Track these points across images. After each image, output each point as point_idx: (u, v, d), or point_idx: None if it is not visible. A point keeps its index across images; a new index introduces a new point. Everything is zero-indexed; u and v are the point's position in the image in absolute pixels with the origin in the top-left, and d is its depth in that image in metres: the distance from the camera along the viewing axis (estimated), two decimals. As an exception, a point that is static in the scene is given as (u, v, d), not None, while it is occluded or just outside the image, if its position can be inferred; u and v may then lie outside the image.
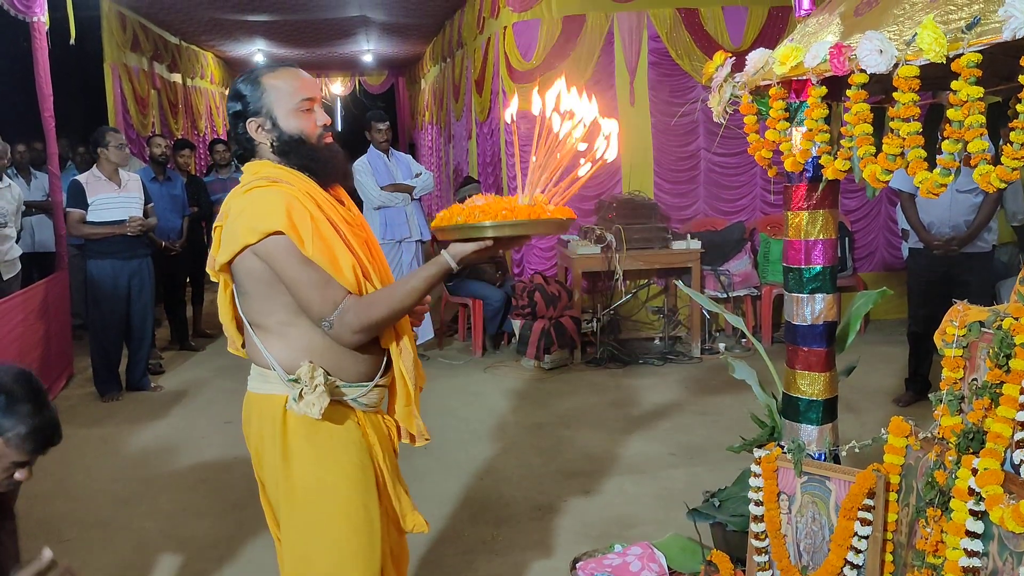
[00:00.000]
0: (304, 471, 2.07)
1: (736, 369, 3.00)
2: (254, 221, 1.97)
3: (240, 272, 2.05)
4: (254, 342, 2.11)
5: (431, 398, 5.54)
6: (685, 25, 6.91)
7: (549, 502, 3.96)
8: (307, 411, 1.98)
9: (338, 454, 2.08)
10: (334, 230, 2.03)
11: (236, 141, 2.15)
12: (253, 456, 2.18)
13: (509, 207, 1.88)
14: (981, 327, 2.03)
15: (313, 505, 2.08)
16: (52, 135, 6.12)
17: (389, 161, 6.54)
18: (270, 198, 1.98)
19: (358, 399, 2.12)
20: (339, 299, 1.98)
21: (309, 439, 2.07)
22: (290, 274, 1.97)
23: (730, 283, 6.80)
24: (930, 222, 5.02)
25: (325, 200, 2.08)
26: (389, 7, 9.76)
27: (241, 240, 1.98)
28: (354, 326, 1.98)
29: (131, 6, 9.12)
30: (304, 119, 2.09)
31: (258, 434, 2.13)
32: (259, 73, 2.12)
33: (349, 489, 2.09)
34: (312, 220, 1.99)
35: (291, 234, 1.95)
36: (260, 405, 2.12)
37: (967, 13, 1.74)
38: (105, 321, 5.82)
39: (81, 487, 4.31)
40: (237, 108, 2.10)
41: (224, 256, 2.03)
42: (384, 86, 17.72)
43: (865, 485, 2.22)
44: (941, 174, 1.82)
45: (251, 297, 2.07)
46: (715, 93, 2.49)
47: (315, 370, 2.01)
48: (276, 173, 2.06)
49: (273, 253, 1.97)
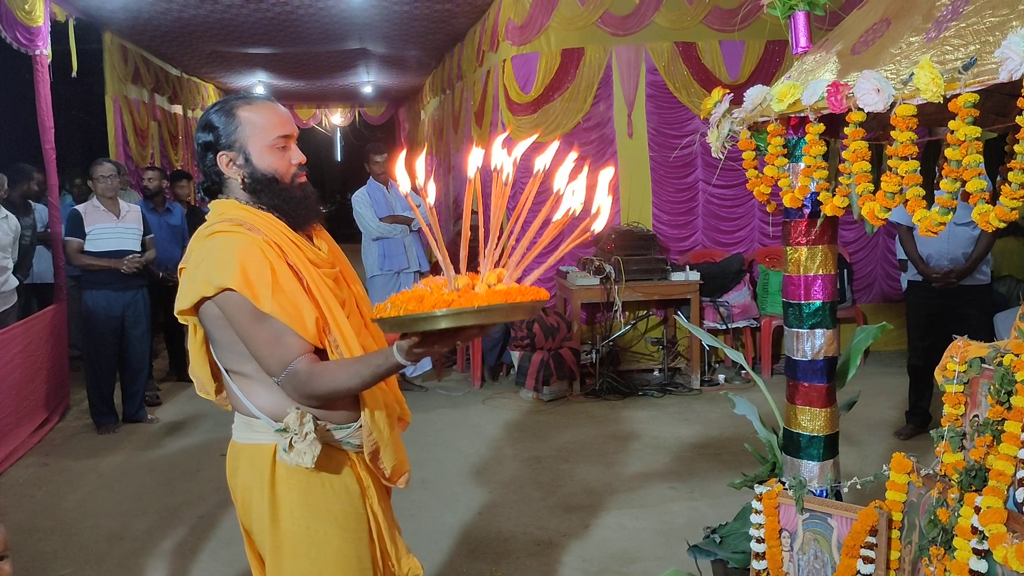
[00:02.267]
0: (293, 522, 1.99)
1: (737, 405, 2.99)
2: (211, 273, 1.87)
3: (207, 321, 1.96)
4: (235, 390, 2.02)
5: (429, 430, 5.52)
6: (683, 58, 6.98)
7: (548, 537, 3.93)
8: (299, 460, 1.89)
9: (330, 503, 2.01)
10: (297, 280, 1.93)
11: (204, 173, 2.04)
12: (240, 507, 2.08)
13: (447, 298, 1.55)
14: (982, 363, 2.03)
15: (303, 557, 2.00)
16: (53, 167, 6.14)
17: (388, 193, 6.56)
18: (227, 249, 1.89)
19: (347, 439, 2.03)
20: (288, 360, 1.88)
21: (300, 489, 1.98)
22: (242, 329, 1.89)
23: (729, 315, 6.80)
24: (928, 255, 5.03)
25: (291, 245, 1.97)
26: (389, 40, 9.84)
27: (199, 291, 1.89)
28: (300, 391, 1.89)
29: (133, 39, 9.20)
30: (279, 157, 2.00)
31: (245, 486, 2.03)
32: (234, 104, 2.01)
33: (341, 540, 2.01)
34: (272, 273, 1.89)
35: (244, 291, 1.85)
36: (247, 455, 2.03)
37: (963, 54, 1.75)
38: (99, 352, 5.80)
39: (76, 522, 4.27)
40: (208, 139, 1.99)
41: (182, 304, 1.94)
42: (384, 117, 17.84)
43: (867, 522, 2.21)
44: (940, 213, 1.82)
45: (224, 345, 1.98)
46: (713, 128, 2.50)
47: (304, 416, 1.91)
48: (241, 215, 1.96)
49: (227, 307, 1.89)
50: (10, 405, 5.23)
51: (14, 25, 5.71)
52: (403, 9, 8.12)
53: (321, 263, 2.03)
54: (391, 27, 9.00)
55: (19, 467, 5.10)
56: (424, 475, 4.67)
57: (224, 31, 9.00)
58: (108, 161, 5.97)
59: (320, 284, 1.97)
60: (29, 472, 5.03)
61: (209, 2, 7.69)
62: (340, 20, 8.60)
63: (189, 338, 2.10)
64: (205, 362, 2.10)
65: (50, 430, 5.79)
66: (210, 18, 8.33)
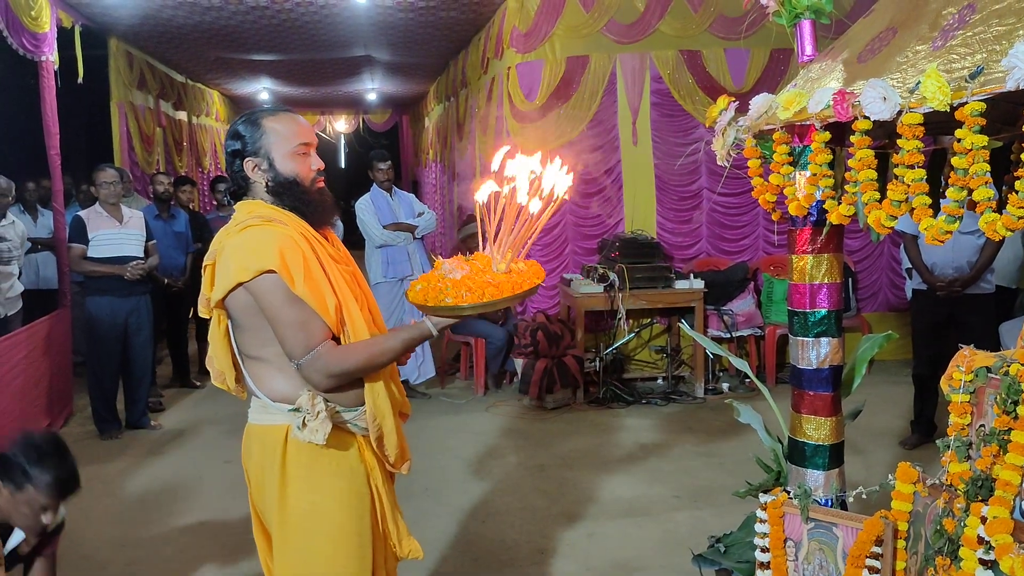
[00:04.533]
0: (299, 496, 2.12)
1: (741, 413, 2.98)
2: (248, 259, 2.03)
3: (235, 308, 2.11)
4: (253, 374, 2.17)
5: (432, 437, 5.51)
6: (687, 66, 6.98)
7: (552, 545, 3.92)
8: (311, 438, 2.03)
9: (335, 480, 2.14)
10: (323, 271, 2.11)
11: (231, 178, 2.23)
12: (253, 487, 2.22)
13: (484, 282, 2.07)
14: (988, 372, 2.02)
15: (306, 531, 2.12)
16: (58, 173, 6.16)
17: (392, 200, 6.56)
18: (264, 237, 2.06)
19: (354, 421, 2.17)
20: (313, 344, 2.05)
21: (308, 466, 2.12)
22: (273, 311, 2.04)
23: (733, 323, 6.78)
24: (933, 263, 5.01)
25: (315, 240, 2.16)
26: (394, 47, 9.86)
27: (234, 277, 2.04)
28: (327, 370, 2.06)
29: (139, 45, 9.24)
30: (299, 162, 2.18)
31: (259, 464, 2.17)
32: (259, 115, 2.20)
33: (343, 515, 2.14)
34: (304, 259, 2.06)
35: (283, 273, 2.02)
36: (261, 435, 2.17)
37: (970, 62, 1.75)
38: (102, 358, 5.81)
39: (78, 530, 4.25)
40: (236, 147, 2.18)
41: (218, 293, 2.08)
42: (388, 124, 17.88)
43: (873, 532, 2.19)
44: (946, 221, 1.81)
45: (248, 331, 2.13)
46: (719, 137, 2.49)
47: (315, 397, 2.07)
48: (269, 213, 2.14)
49: (262, 289, 2.04)
50: (13, 411, 5.23)
51: (20, 31, 5.73)
52: (408, 17, 8.13)
53: (340, 259, 2.23)
54: (396, 34, 9.02)
55: (22, 473, 5.09)
56: (427, 482, 4.66)
57: (229, 38, 9.03)
58: (111, 167, 5.98)
59: (339, 278, 2.15)
60: (32, 478, 5.02)
61: (214, 9, 7.72)
62: (345, 27, 8.62)
63: (212, 330, 2.24)
64: (227, 351, 2.23)
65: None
66: (215, 25, 8.36)
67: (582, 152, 6.92)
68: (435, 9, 7.85)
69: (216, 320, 2.20)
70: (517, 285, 2.07)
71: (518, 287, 2.07)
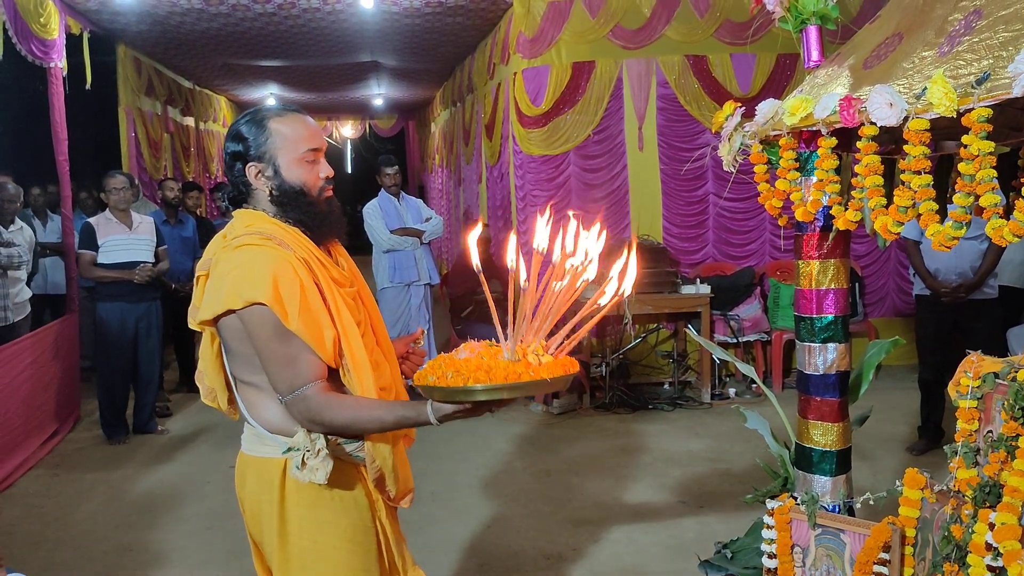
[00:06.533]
0: (301, 535, 1.98)
1: (748, 419, 2.97)
2: (240, 286, 1.86)
3: (226, 332, 1.95)
4: (246, 400, 2.02)
5: (438, 442, 5.50)
6: (694, 72, 6.98)
7: (558, 551, 3.91)
8: (311, 477, 1.88)
9: (338, 517, 1.99)
10: (322, 300, 1.93)
11: (231, 182, 2.04)
12: (248, 519, 2.08)
13: (488, 367, 1.65)
14: (996, 378, 2.01)
15: (310, 571, 1.99)
16: (66, 178, 6.18)
17: (399, 205, 6.57)
18: (260, 262, 1.87)
19: (356, 452, 2.01)
20: (299, 384, 1.87)
21: (308, 504, 1.97)
22: (260, 345, 1.88)
23: (740, 328, 6.77)
24: (936, 269, 5.00)
25: (318, 262, 1.96)
26: (400, 53, 9.88)
27: (225, 303, 1.87)
28: (309, 415, 1.87)
29: (147, 52, 9.27)
30: (307, 170, 1.99)
31: (255, 498, 2.03)
32: (265, 115, 2.00)
33: (349, 553, 2.00)
34: (302, 289, 1.88)
35: (275, 306, 1.84)
36: (256, 468, 2.02)
37: (976, 68, 1.75)
38: (112, 364, 5.82)
39: (85, 534, 4.27)
40: (237, 149, 1.99)
41: (205, 314, 1.92)
42: (394, 129, 17.92)
43: (881, 538, 2.19)
44: (953, 227, 1.81)
45: (241, 357, 1.96)
46: (725, 142, 2.50)
47: (311, 433, 1.90)
48: (270, 229, 1.95)
49: (251, 321, 1.87)
50: (21, 416, 5.25)
51: (29, 38, 5.76)
52: (414, 22, 8.15)
53: (343, 282, 2.03)
54: (402, 40, 9.04)
55: (29, 478, 5.12)
56: (434, 488, 4.66)
57: (236, 44, 9.06)
58: (120, 173, 6.00)
59: (340, 305, 1.96)
60: (39, 483, 5.04)
61: (222, 16, 7.74)
62: (352, 33, 8.65)
63: (203, 346, 2.09)
64: (220, 371, 2.09)
65: (60, 441, 5.80)
66: (223, 31, 8.39)
67: (588, 157, 6.93)
68: (441, 15, 7.87)
69: (208, 338, 2.05)
70: (514, 375, 1.64)
71: (514, 376, 1.64)
